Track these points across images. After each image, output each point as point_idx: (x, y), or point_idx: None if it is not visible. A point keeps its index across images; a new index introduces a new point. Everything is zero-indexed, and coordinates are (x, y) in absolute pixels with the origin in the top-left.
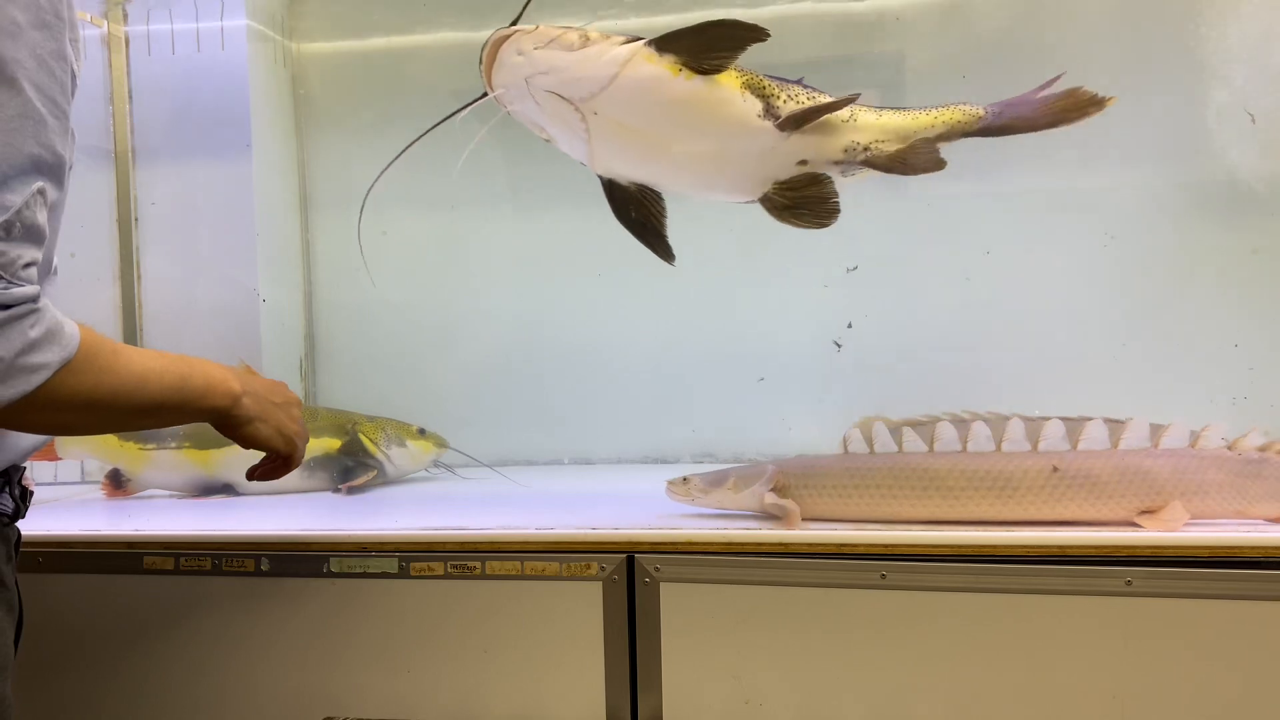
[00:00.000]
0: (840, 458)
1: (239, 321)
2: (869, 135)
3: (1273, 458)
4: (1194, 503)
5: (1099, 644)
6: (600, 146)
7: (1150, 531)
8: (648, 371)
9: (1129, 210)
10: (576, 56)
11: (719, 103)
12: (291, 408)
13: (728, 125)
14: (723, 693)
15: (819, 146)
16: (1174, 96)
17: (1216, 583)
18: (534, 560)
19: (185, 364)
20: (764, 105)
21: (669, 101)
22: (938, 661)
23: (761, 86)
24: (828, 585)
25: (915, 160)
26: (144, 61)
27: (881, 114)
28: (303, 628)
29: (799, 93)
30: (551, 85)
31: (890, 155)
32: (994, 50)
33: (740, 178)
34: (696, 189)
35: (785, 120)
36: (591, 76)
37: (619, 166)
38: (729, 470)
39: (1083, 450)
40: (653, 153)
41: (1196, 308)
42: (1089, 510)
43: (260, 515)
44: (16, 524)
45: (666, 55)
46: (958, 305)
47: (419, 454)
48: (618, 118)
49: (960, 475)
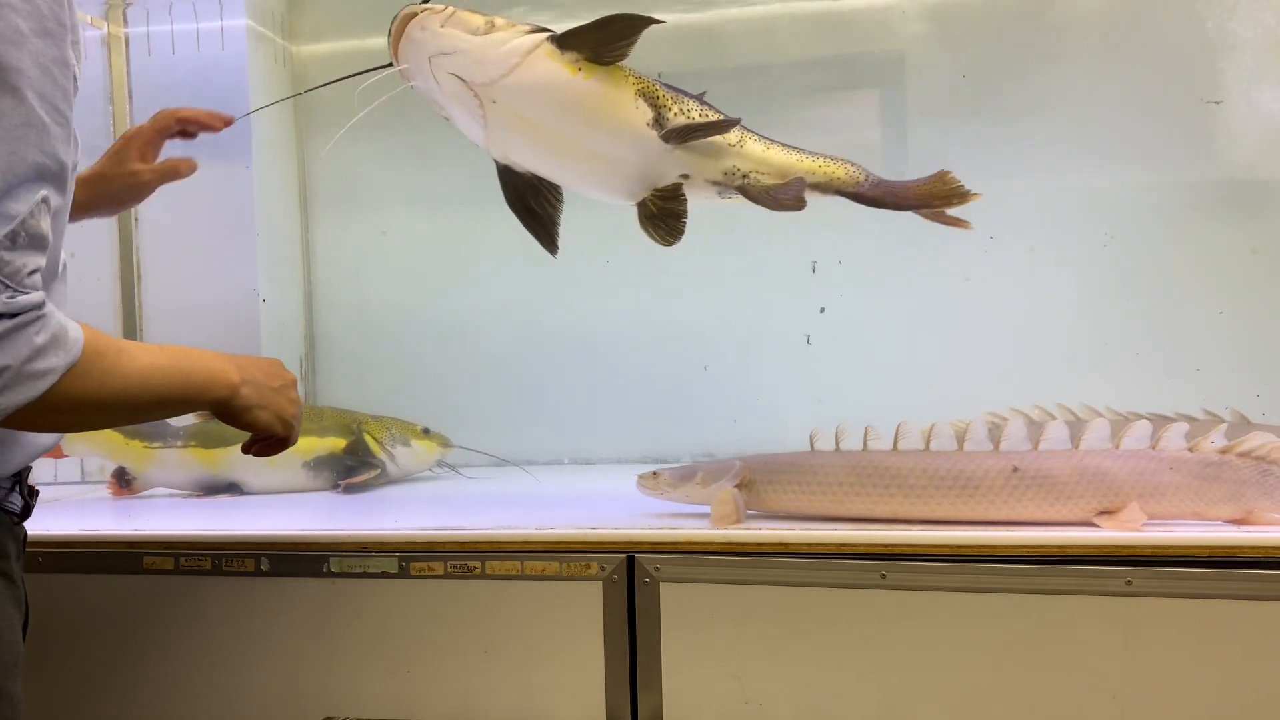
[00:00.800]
0: (805, 455)
1: (239, 321)
2: (750, 164)
3: (1232, 460)
4: (1151, 504)
5: (1099, 644)
6: (495, 132)
7: (1150, 531)
8: (648, 371)
9: (1129, 210)
10: (479, 42)
11: (611, 106)
12: (289, 389)
13: (617, 129)
14: (723, 693)
15: (702, 164)
16: (1174, 96)
17: (1216, 583)
18: (534, 560)
19: (186, 358)
20: (654, 115)
21: (564, 99)
22: (938, 661)
23: (655, 95)
24: (828, 585)
25: (784, 198)
26: (144, 61)
27: (769, 148)
28: (303, 628)
29: (692, 107)
30: (452, 67)
31: (764, 187)
32: (994, 50)
33: (623, 180)
34: (581, 186)
35: (670, 132)
36: (492, 64)
37: (513, 154)
38: (697, 465)
39: (1043, 450)
40: (543, 146)
41: (1196, 308)
42: (1048, 511)
43: (260, 515)
44: (24, 523)
45: (568, 53)
46: (958, 305)
47: (423, 454)
48: (513, 108)
49: (922, 474)
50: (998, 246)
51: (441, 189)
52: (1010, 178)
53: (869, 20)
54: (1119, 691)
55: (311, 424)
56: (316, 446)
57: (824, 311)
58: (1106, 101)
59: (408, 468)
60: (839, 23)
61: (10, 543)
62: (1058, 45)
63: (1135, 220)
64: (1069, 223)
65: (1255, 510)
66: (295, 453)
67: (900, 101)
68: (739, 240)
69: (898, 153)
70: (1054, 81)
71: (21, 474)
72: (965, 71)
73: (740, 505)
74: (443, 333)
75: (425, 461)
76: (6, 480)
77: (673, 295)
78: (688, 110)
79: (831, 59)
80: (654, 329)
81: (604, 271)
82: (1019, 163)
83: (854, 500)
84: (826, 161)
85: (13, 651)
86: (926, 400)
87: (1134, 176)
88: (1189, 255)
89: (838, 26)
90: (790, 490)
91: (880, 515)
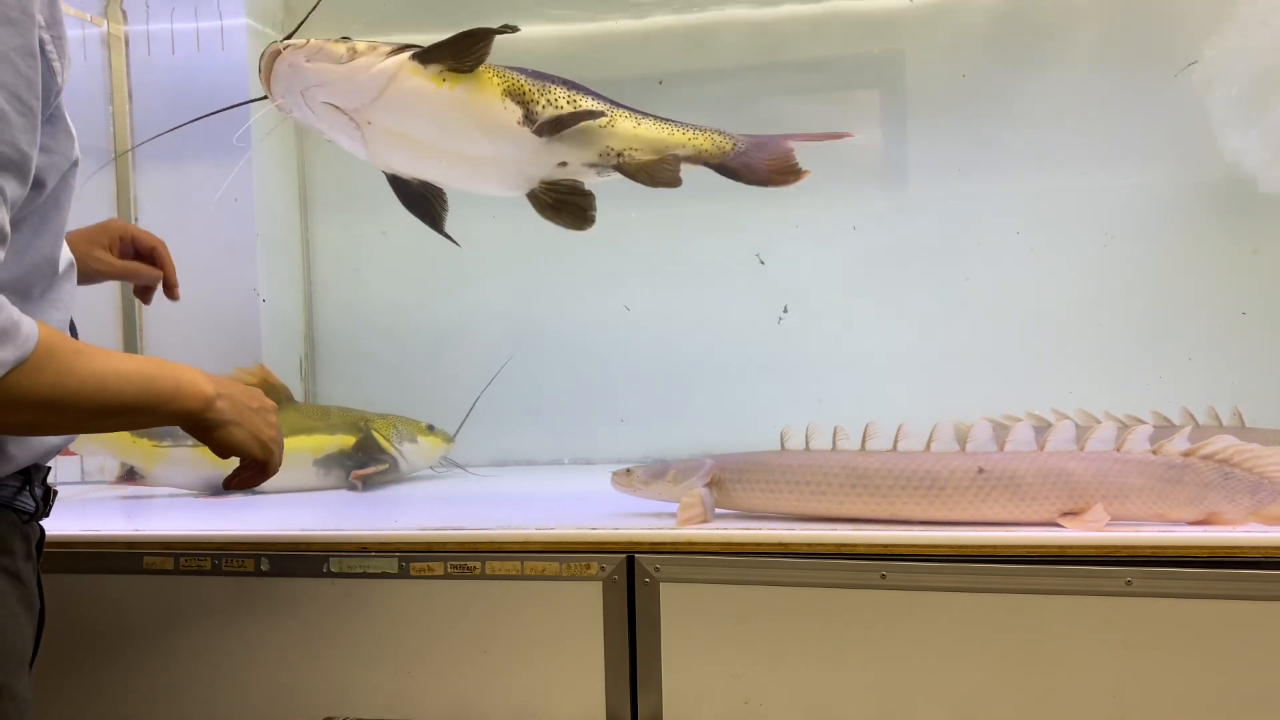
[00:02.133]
0: (775, 454)
1: (239, 321)
2: (623, 143)
3: (1195, 463)
4: (1115, 505)
5: (1099, 644)
6: (376, 149)
7: (1150, 531)
8: (648, 371)
9: (1129, 210)
10: (345, 70)
11: (480, 110)
12: (268, 414)
13: (489, 131)
14: (723, 693)
15: (578, 151)
16: (1173, 96)
17: (1216, 583)
18: (534, 560)
19: (154, 365)
20: (524, 112)
21: (434, 111)
22: (938, 661)
23: (521, 93)
24: (828, 585)
25: (659, 174)
26: (144, 61)
27: (640, 123)
28: (303, 628)
29: (559, 95)
30: (324, 96)
31: (638, 164)
32: (994, 50)
33: (507, 177)
34: (468, 186)
35: (541, 126)
36: (361, 88)
37: (396, 166)
38: (670, 463)
39: (1008, 451)
40: (423, 156)
41: (1195, 308)
42: (1013, 511)
43: (260, 515)
44: (39, 523)
45: (431, 66)
46: (958, 305)
47: (429, 450)
48: (388, 125)
49: (888, 474)
50: (998, 246)
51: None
52: (1010, 178)
53: (869, 20)
54: (1119, 691)
55: (319, 422)
56: (326, 444)
57: (787, 310)
58: (1106, 102)
59: (415, 464)
60: (839, 23)
61: (18, 541)
62: (1058, 44)
63: (1135, 220)
64: (1069, 223)
65: (1216, 513)
66: (306, 451)
67: (900, 101)
68: (740, 240)
69: (898, 153)
70: (1054, 81)
71: (31, 473)
72: (965, 71)
73: (708, 505)
74: (443, 333)
75: (430, 458)
76: (15, 479)
77: (673, 296)
78: (555, 100)
79: (831, 59)
80: (654, 329)
81: (604, 271)
82: (1019, 163)
83: (820, 500)
84: (696, 133)
85: (17, 650)
86: (927, 401)
87: (1134, 176)
88: (1189, 255)
89: (838, 26)
90: (758, 489)
91: (846, 515)
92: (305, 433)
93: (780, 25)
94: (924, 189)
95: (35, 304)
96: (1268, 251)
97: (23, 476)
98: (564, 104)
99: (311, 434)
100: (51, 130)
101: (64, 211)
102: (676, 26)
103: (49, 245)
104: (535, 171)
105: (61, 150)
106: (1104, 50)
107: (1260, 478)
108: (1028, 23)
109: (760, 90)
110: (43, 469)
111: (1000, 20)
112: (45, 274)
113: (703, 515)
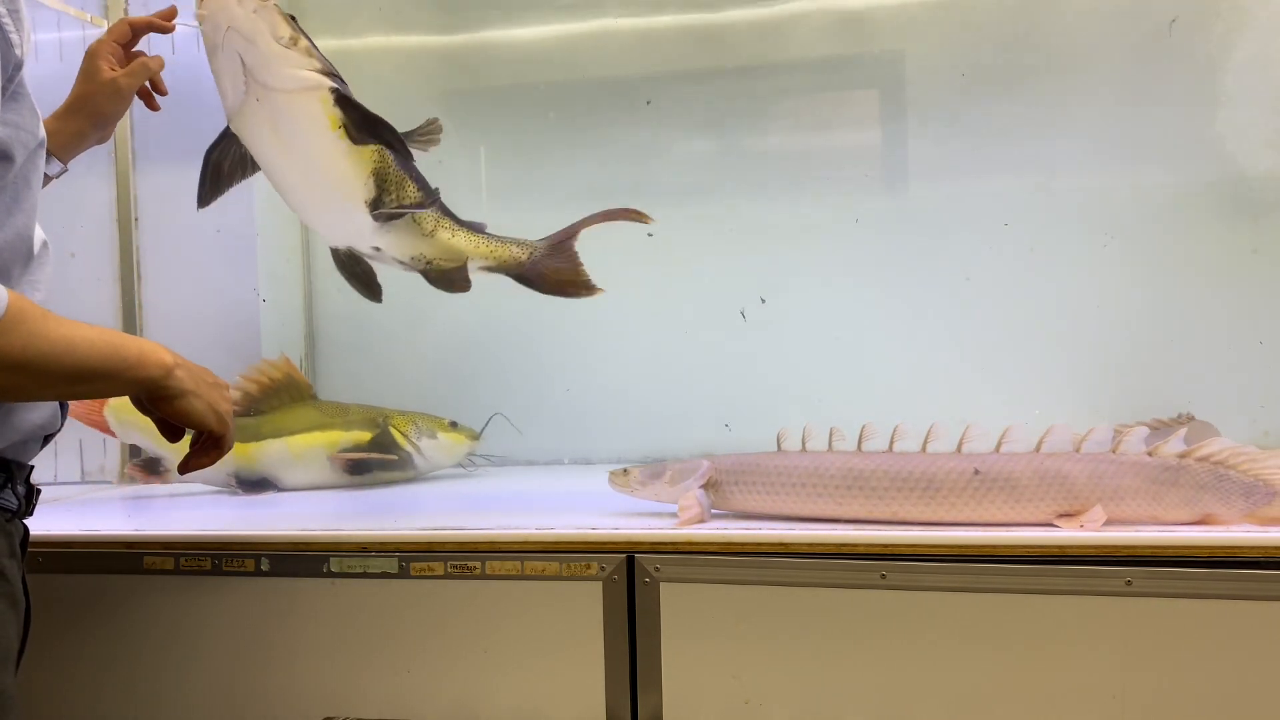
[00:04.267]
0: (771, 455)
1: (239, 321)
2: (436, 252)
3: (1189, 465)
4: (1110, 507)
5: (1099, 644)
6: (243, 118)
7: (1150, 531)
8: (648, 371)
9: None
10: (275, 49)
11: (345, 173)
12: (223, 389)
13: (339, 193)
14: (723, 693)
15: (396, 244)
16: (1174, 95)
17: (1216, 583)
18: (534, 560)
19: (118, 335)
20: (376, 195)
21: (310, 144)
22: (938, 661)
23: (385, 180)
24: (828, 585)
25: (454, 280)
26: None
27: (455, 235)
28: (303, 628)
29: (410, 194)
30: (239, 49)
31: (440, 272)
32: (994, 50)
33: (322, 226)
34: (291, 205)
35: (377, 213)
36: (273, 73)
37: (247, 140)
38: (667, 464)
39: (1004, 453)
40: (274, 157)
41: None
42: (1009, 512)
43: (260, 515)
44: (22, 521)
45: (338, 109)
46: (959, 306)
47: (451, 447)
48: (268, 116)
49: (884, 475)
50: (996, 247)
51: (441, 188)
52: (1011, 177)
53: (869, 20)
54: (1119, 691)
55: (337, 418)
56: (342, 440)
57: (764, 302)
58: (1106, 102)
59: (436, 461)
60: (840, 23)
61: (1, 539)
62: (1058, 43)
63: (1135, 220)
64: (1069, 222)
65: (1211, 514)
66: (323, 446)
67: (900, 101)
68: (739, 241)
69: (898, 153)
70: (1054, 81)
71: (14, 470)
72: (965, 71)
73: (705, 506)
74: (443, 333)
75: (454, 455)
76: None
77: (673, 295)
78: (404, 197)
79: (831, 59)
80: (654, 329)
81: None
82: (1019, 162)
83: (816, 501)
84: (497, 246)
85: (2, 648)
86: (928, 401)
87: (1135, 176)
88: (1189, 255)
89: (839, 26)
90: (754, 491)
91: (842, 516)
92: (322, 429)
93: (781, 25)
94: (924, 189)
95: (15, 285)
96: (1268, 251)
97: (4, 474)
98: (411, 198)
99: (328, 430)
100: (16, 106)
101: (34, 191)
102: (677, 26)
103: (22, 223)
104: (353, 240)
105: (27, 126)
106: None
107: (1254, 480)
108: (1028, 22)
109: (761, 90)
110: (25, 467)
111: (1000, 19)
112: (21, 253)
113: (700, 516)
